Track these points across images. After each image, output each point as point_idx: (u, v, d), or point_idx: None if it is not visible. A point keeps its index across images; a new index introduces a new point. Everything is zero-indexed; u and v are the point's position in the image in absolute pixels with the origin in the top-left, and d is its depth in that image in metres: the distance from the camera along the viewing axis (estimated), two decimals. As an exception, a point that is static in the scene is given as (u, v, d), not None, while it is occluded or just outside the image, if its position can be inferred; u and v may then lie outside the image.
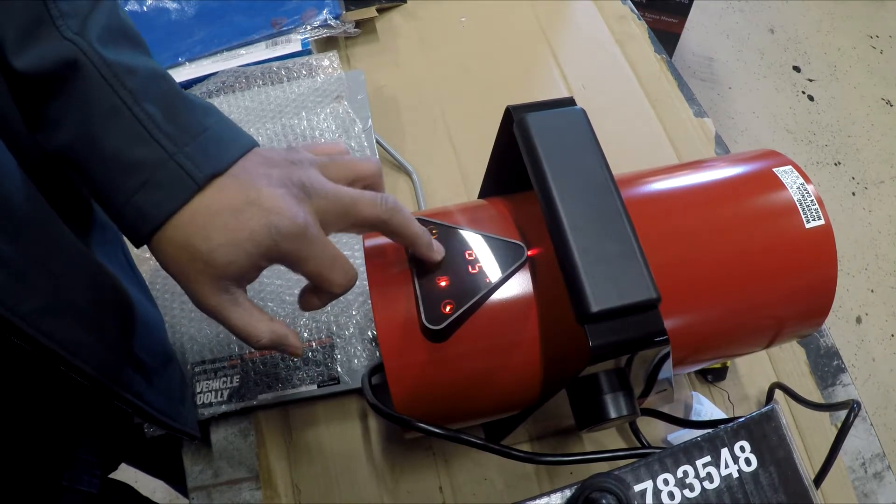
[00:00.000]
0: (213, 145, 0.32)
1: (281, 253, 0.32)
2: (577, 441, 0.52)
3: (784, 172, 0.41)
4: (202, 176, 0.31)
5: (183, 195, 0.31)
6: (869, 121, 1.96)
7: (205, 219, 0.31)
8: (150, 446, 0.52)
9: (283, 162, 0.34)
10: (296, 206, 0.32)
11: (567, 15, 0.79)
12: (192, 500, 0.50)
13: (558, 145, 0.37)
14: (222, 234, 0.31)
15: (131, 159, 0.31)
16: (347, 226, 0.35)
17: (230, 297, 0.33)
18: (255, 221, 0.31)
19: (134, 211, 0.31)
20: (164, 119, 0.31)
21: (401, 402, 0.38)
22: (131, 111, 0.31)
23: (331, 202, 0.33)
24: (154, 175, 0.31)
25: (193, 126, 0.32)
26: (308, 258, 0.33)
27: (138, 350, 0.41)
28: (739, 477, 0.30)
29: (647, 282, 0.32)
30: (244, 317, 0.34)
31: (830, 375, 0.56)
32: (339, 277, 0.34)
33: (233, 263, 0.31)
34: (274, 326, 0.35)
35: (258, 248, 0.31)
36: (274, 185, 0.32)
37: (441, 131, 0.68)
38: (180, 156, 0.31)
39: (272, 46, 0.70)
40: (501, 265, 0.38)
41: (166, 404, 0.44)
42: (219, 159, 0.32)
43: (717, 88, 2.01)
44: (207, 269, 0.31)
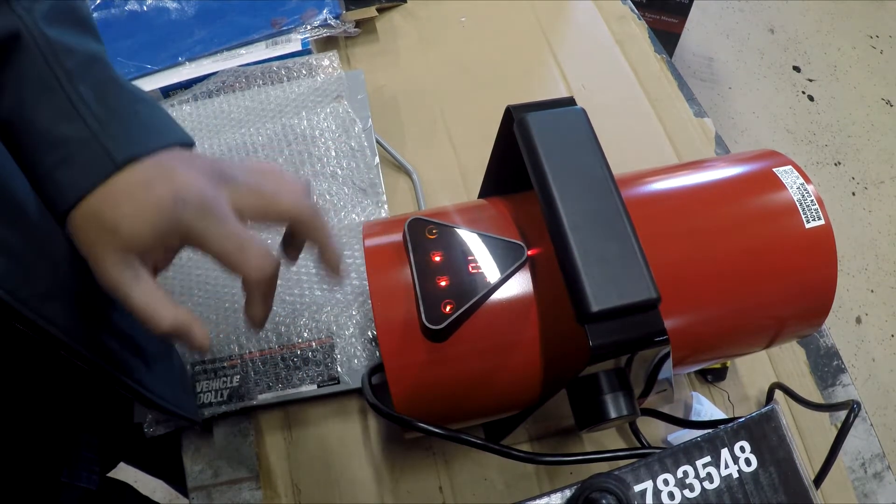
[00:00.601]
0: (139, 131, 0.33)
1: (186, 227, 0.31)
2: (577, 441, 0.52)
3: (784, 172, 0.41)
4: (121, 157, 0.31)
5: (100, 175, 0.31)
6: (869, 121, 1.96)
7: (116, 193, 0.31)
8: (150, 446, 0.52)
9: (210, 159, 0.34)
10: (206, 184, 0.32)
11: (567, 15, 0.79)
12: (192, 500, 0.50)
13: (558, 145, 0.37)
14: (130, 204, 0.31)
15: (57, 135, 0.31)
16: (265, 215, 0.34)
17: (133, 272, 0.32)
18: (161, 192, 0.31)
19: (54, 185, 0.31)
20: (95, 100, 0.32)
21: (401, 402, 0.38)
22: (64, 90, 0.32)
23: (250, 190, 0.33)
24: (76, 153, 0.31)
25: (123, 111, 0.33)
26: (215, 236, 0.32)
27: (138, 336, 0.41)
28: (739, 477, 0.30)
29: (647, 282, 0.32)
30: (145, 296, 0.32)
31: (830, 375, 0.56)
32: (252, 258, 0.32)
33: (138, 234, 0.31)
34: (178, 313, 0.33)
35: (163, 220, 0.31)
36: (191, 168, 0.32)
37: (441, 131, 0.68)
38: (103, 136, 0.31)
39: (272, 46, 0.70)
40: (501, 265, 0.38)
41: (167, 390, 0.44)
42: (143, 144, 0.32)
43: (717, 88, 2.01)
44: (113, 239, 0.31)
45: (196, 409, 0.50)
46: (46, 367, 0.42)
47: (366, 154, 0.62)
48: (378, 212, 0.60)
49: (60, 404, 0.46)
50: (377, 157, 0.62)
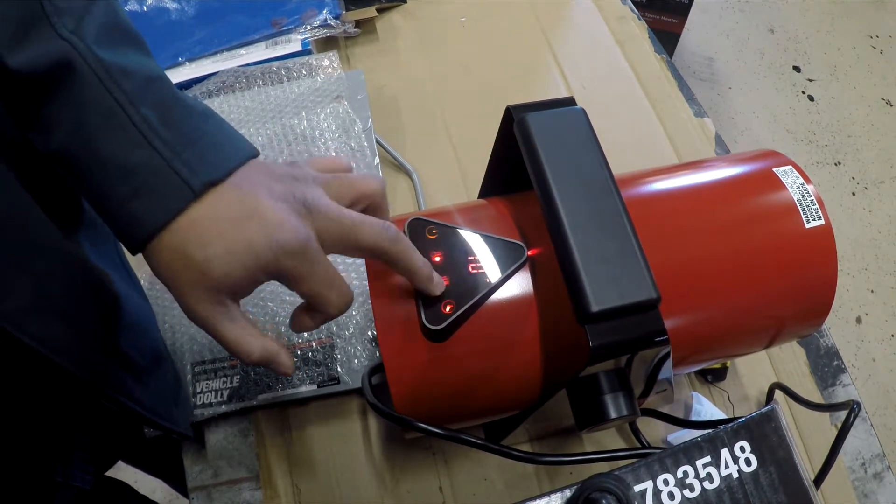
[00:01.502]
0: (211, 152, 0.31)
1: (280, 268, 0.31)
2: (577, 441, 0.52)
3: (784, 172, 0.41)
4: (199, 183, 0.30)
5: (178, 203, 0.30)
6: (869, 121, 1.96)
7: (202, 227, 0.30)
8: (150, 446, 0.52)
9: (286, 176, 0.33)
10: (297, 222, 0.31)
11: (567, 15, 0.79)
12: (192, 500, 0.50)
13: (558, 145, 0.37)
14: (220, 243, 0.30)
15: (126, 164, 0.30)
16: (346, 249, 0.34)
17: (223, 309, 0.32)
18: (254, 233, 0.30)
19: (128, 217, 0.30)
20: (161, 123, 0.31)
21: (401, 402, 0.38)
22: (127, 114, 0.30)
23: (333, 223, 0.33)
24: (149, 181, 0.30)
25: (191, 131, 0.31)
26: (307, 276, 0.32)
27: (128, 349, 0.41)
28: (739, 477, 0.30)
29: (647, 282, 0.32)
30: (236, 330, 0.33)
31: (830, 375, 0.56)
32: (336, 298, 0.34)
33: (229, 275, 0.30)
34: (266, 343, 0.34)
35: (256, 262, 0.30)
36: (276, 199, 0.31)
37: (441, 131, 0.68)
38: (177, 162, 0.30)
39: (272, 46, 0.70)
40: (501, 265, 0.38)
41: (159, 404, 0.44)
42: (217, 167, 0.31)
43: (717, 88, 2.01)
44: (202, 278, 0.30)
45: (189, 423, 0.50)
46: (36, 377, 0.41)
47: (366, 154, 0.62)
48: (378, 212, 0.60)
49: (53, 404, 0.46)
50: (377, 157, 0.62)
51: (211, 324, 0.32)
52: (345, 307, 0.34)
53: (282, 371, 0.35)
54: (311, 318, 0.36)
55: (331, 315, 0.35)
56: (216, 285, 0.31)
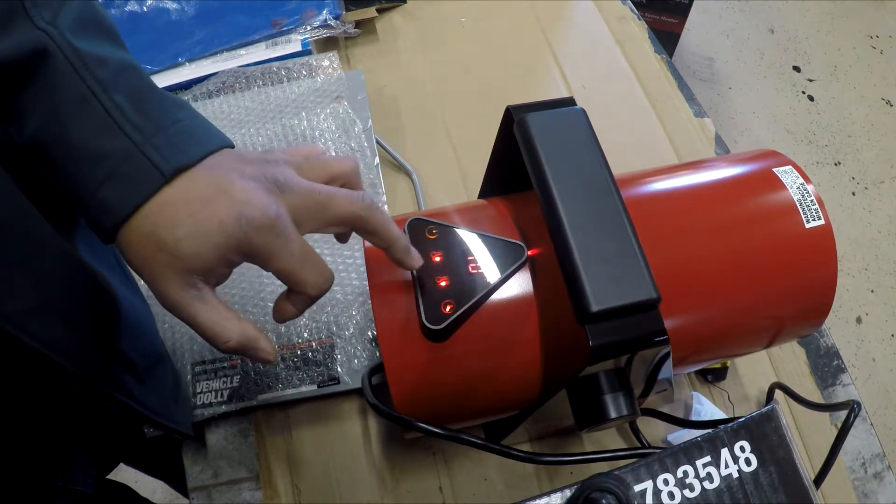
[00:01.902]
0: (183, 139, 0.31)
1: (251, 246, 0.31)
2: (577, 441, 0.52)
3: (784, 172, 0.41)
4: (169, 168, 0.30)
5: (149, 188, 0.30)
6: (869, 121, 1.96)
7: (172, 209, 0.30)
8: (150, 446, 0.52)
9: (258, 160, 0.33)
10: (268, 199, 0.31)
11: (567, 15, 0.79)
12: (192, 500, 0.50)
13: (558, 145, 0.37)
14: (189, 223, 0.30)
15: (97, 150, 0.30)
16: (322, 224, 0.33)
17: (196, 292, 0.31)
18: (224, 211, 0.30)
19: (99, 203, 0.30)
20: (133, 110, 0.31)
21: (401, 402, 0.38)
22: (100, 101, 0.30)
23: (305, 198, 0.32)
24: (120, 167, 0.30)
25: (163, 118, 0.31)
26: (278, 253, 0.31)
27: (127, 349, 0.41)
28: (739, 477, 0.30)
29: (647, 282, 0.32)
30: (211, 315, 0.31)
31: (830, 375, 0.56)
32: (313, 276, 0.33)
33: (199, 255, 0.30)
34: (244, 327, 0.33)
35: (227, 240, 0.30)
36: (246, 179, 0.31)
37: (441, 131, 0.68)
38: (147, 147, 0.30)
39: (272, 47, 0.70)
40: (501, 265, 0.38)
41: (159, 403, 0.44)
42: (188, 153, 0.31)
43: (717, 88, 2.01)
44: (173, 261, 0.30)
45: (189, 422, 0.50)
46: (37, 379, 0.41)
47: (366, 154, 0.62)
48: (378, 212, 0.60)
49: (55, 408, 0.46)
50: (377, 158, 0.62)
51: (185, 308, 0.31)
52: (324, 285, 0.33)
53: (262, 357, 0.34)
54: (293, 302, 0.34)
55: (310, 295, 0.33)
56: (187, 267, 0.30)
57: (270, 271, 0.32)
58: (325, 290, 0.34)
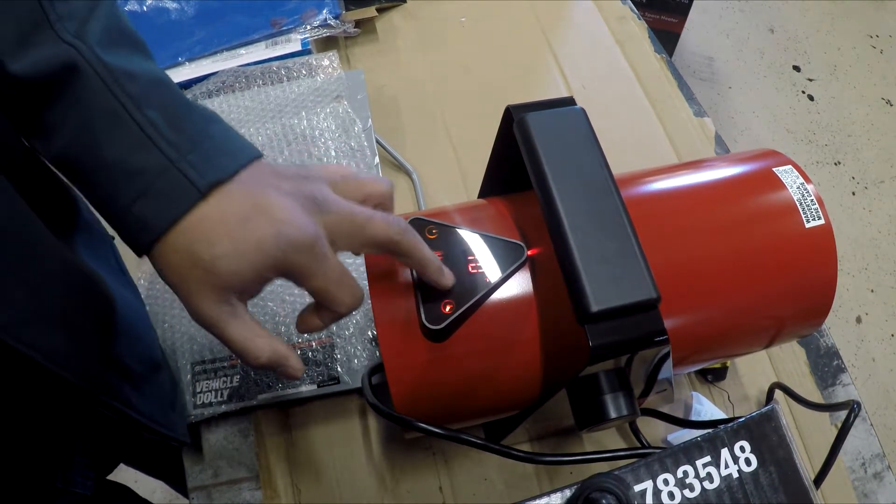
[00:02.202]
0: (217, 153, 0.31)
1: (289, 265, 0.31)
2: (577, 441, 0.52)
3: (784, 172, 0.41)
4: (205, 184, 0.30)
5: (184, 204, 0.30)
6: (869, 121, 1.96)
7: (209, 225, 0.30)
8: (150, 447, 0.52)
9: (294, 175, 0.33)
10: (306, 218, 0.31)
11: (567, 15, 0.79)
12: (192, 500, 0.50)
13: (558, 145, 0.37)
14: (227, 241, 0.30)
15: (132, 166, 0.30)
16: (358, 245, 0.33)
17: (230, 308, 0.31)
18: (263, 230, 0.30)
19: (134, 220, 0.30)
20: (166, 125, 0.30)
21: (401, 401, 0.38)
22: (132, 117, 0.30)
23: (342, 218, 0.32)
24: (155, 183, 0.29)
25: (197, 133, 0.31)
26: (316, 273, 0.31)
27: (124, 356, 0.41)
28: (739, 477, 0.30)
29: (647, 282, 0.32)
30: (244, 332, 0.32)
31: (830, 375, 0.56)
32: (346, 296, 0.33)
33: (237, 273, 0.30)
34: (275, 345, 0.33)
35: (265, 259, 0.30)
36: (284, 195, 0.31)
37: (441, 131, 0.68)
38: (183, 163, 0.30)
39: (272, 46, 0.70)
40: (501, 265, 0.38)
41: (156, 411, 0.44)
42: (223, 167, 0.31)
43: (717, 88, 2.01)
44: (209, 277, 0.30)
45: (186, 429, 0.50)
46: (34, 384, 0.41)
47: (366, 154, 0.62)
48: (378, 212, 0.60)
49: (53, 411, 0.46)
50: (377, 157, 0.62)
51: (218, 324, 0.31)
52: (354, 305, 0.34)
53: (290, 375, 0.34)
54: (320, 317, 0.35)
55: (341, 314, 0.34)
56: (224, 284, 0.30)
57: (305, 289, 0.32)
58: (355, 309, 0.34)
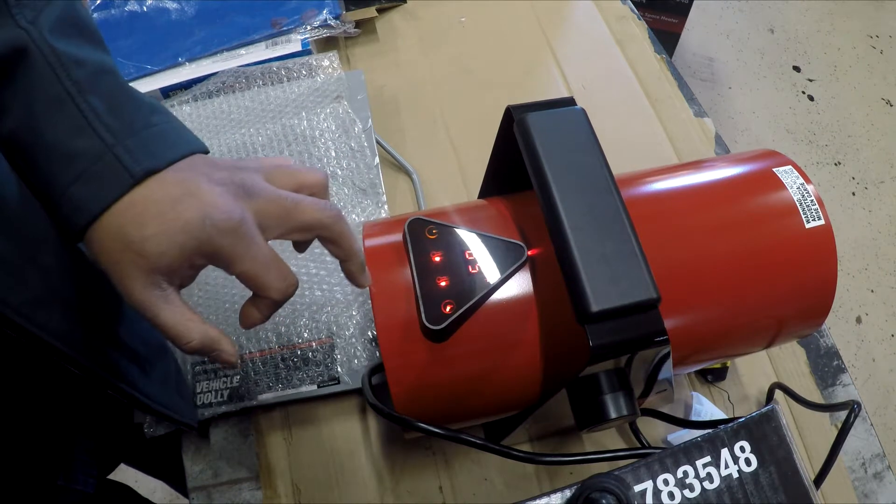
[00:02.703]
0: (155, 142, 0.32)
1: (214, 248, 0.31)
2: (577, 441, 0.52)
3: (784, 172, 0.41)
4: (140, 170, 0.30)
5: (118, 189, 0.30)
6: (869, 121, 1.96)
7: (140, 208, 0.30)
8: (150, 446, 0.52)
9: (229, 166, 0.33)
10: (233, 203, 0.31)
11: (567, 15, 0.79)
12: (192, 500, 0.50)
13: (558, 145, 0.37)
14: (156, 223, 0.30)
15: (70, 150, 0.30)
16: (288, 229, 0.34)
17: (161, 293, 0.31)
18: (190, 213, 0.30)
19: (69, 203, 0.30)
20: (108, 112, 0.31)
21: (401, 402, 0.38)
22: (74, 102, 0.31)
23: (271, 203, 0.33)
24: (91, 167, 0.30)
25: (137, 122, 0.32)
26: (242, 257, 0.32)
27: (131, 340, 0.41)
28: (739, 477, 0.30)
29: (648, 282, 0.32)
30: (175, 315, 0.32)
31: (830, 375, 0.56)
32: (276, 281, 0.33)
33: (164, 255, 0.30)
34: (206, 329, 0.33)
35: (191, 241, 0.30)
36: (214, 183, 0.32)
37: (441, 131, 0.68)
38: (119, 149, 0.31)
39: (272, 46, 0.70)
40: (501, 265, 0.38)
41: (162, 394, 0.44)
42: (159, 156, 0.31)
43: (717, 88, 2.01)
44: (138, 259, 0.30)
45: (194, 413, 0.50)
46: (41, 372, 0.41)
47: (366, 154, 0.62)
48: (378, 212, 0.60)
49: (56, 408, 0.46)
50: (377, 158, 0.62)
51: (149, 307, 0.31)
52: (287, 290, 0.34)
53: (224, 359, 0.34)
54: (257, 308, 0.34)
55: (274, 300, 0.34)
56: (152, 266, 0.30)
57: (234, 274, 0.32)
58: (289, 296, 0.34)
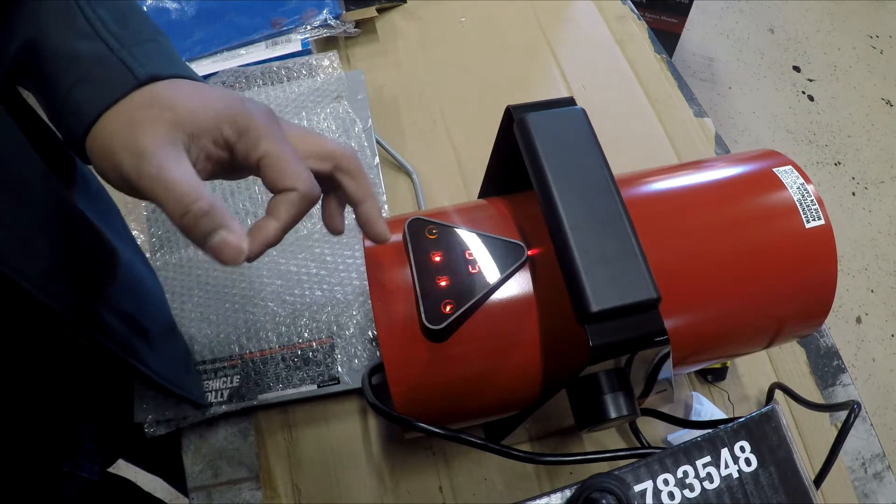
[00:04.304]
0: (159, 56, 0.31)
1: (247, 120, 0.29)
2: (577, 441, 0.52)
3: (784, 172, 0.41)
4: (144, 73, 0.29)
5: (121, 89, 0.29)
6: (869, 121, 1.96)
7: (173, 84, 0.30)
8: (151, 446, 0.52)
9: None
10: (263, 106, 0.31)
11: (567, 15, 0.79)
12: (192, 500, 0.50)
13: (558, 145, 0.37)
14: (189, 91, 0.29)
15: (74, 54, 0.30)
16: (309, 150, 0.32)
17: (176, 152, 0.27)
18: (226, 92, 0.30)
19: (72, 106, 0.29)
20: (114, 21, 0.31)
21: (401, 401, 0.38)
22: (81, 11, 0.31)
23: (293, 126, 0.33)
24: (94, 69, 0.30)
25: (143, 33, 0.32)
26: (271, 135, 0.30)
27: (141, 316, 0.42)
28: (739, 477, 0.30)
29: (648, 282, 0.32)
30: (186, 174, 0.27)
31: (830, 375, 0.56)
32: (302, 170, 0.30)
33: (195, 112, 0.28)
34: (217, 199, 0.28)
35: (227, 108, 0.29)
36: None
37: (441, 131, 0.68)
38: (124, 52, 0.30)
39: (272, 46, 0.70)
40: (501, 265, 0.38)
41: (171, 371, 0.44)
42: (164, 67, 0.31)
43: (717, 88, 2.01)
44: (163, 113, 0.28)
45: (201, 392, 0.50)
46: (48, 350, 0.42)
47: (366, 154, 0.62)
48: (378, 212, 0.60)
49: (62, 393, 0.46)
50: (377, 157, 0.62)
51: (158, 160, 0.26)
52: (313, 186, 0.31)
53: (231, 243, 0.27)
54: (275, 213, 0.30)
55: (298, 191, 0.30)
56: (178, 120, 0.28)
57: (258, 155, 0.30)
58: (313, 193, 0.31)
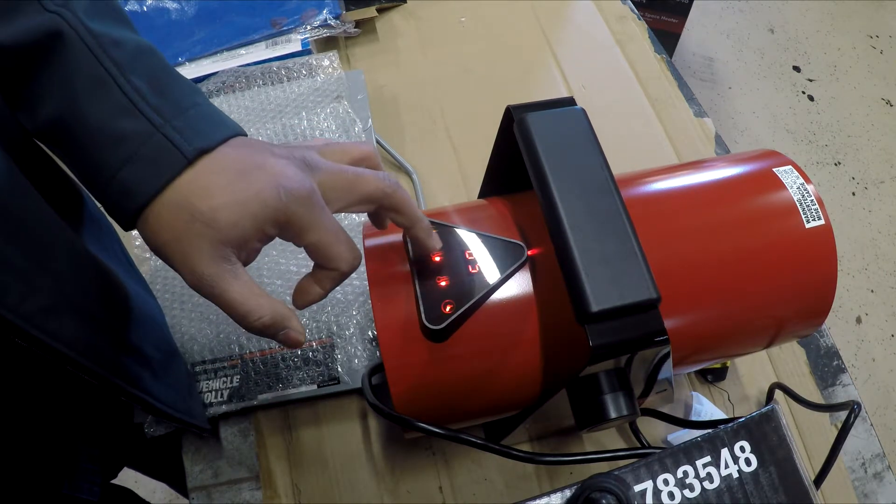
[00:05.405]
0: (202, 122, 0.31)
1: (288, 216, 0.30)
2: (577, 441, 0.52)
3: (784, 172, 0.41)
4: (191, 150, 0.29)
5: (171, 169, 0.29)
6: (869, 121, 1.96)
7: (204, 182, 0.29)
8: (151, 447, 0.52)
9: (282, 145, 0.33)
10: (302, 173, 0.31)
11: (567, 15, 0.79)
12: (192, 500, 0.50)
13: (558, 145, 0.37)
14: (227, 192, 0.29)
15: (116, 132, 0.29)
16: (351, 201, 0.33)
17: (230, 267, 0.30)
18: (262, 182, 0.29)
19: (119, 187, 0.29)
20: (151, 92, 0.30)
21: (401, 401, 0.38)
22: (117, 83, 0.30)
23: (334, 176, 0.32)
24: (141, 148, 0.29)
25: (182, 101, 0.31)
26: (315, 225, 0.31)
27: (143, 345, 0.41)
28: (739, 477, 0.30)
29: (648, 281, 0.32)
30: (244, 290, 0.30)
31: (830, 375, 0.56)
32: (346, 251, 0.32)
33: (237, 225, 0.29)
34: (277, 306, 0.31)
35: (265, 210, 0.29)
36: (277, 157, 0.31)
37: (441, 131, 0.68)
38: (168, 128, 0.30)
39: (272, 46, 0.70)
40: (501, 265, 0.38)
41: (174, 398, 0.44)
42: (209, 136, 0.31)
43: (717, 88, 2.01)
44: (207, 231, 0.29)
45: (204, 415, 0.50)
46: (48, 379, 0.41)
47: (366, 154, 0.62)
48: (378, 212, 0.60)
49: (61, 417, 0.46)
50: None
51: (217, 282, 0.29)
52: (355, 262, 0.33)
53: (293, 338, 0.32)
54: (319, 282, 0.33)
55: (341, 272, 0.33)
56: (223, 237, 0.29)
57: (304, 245, 0.32)
58: (356, 267, 0.33)
